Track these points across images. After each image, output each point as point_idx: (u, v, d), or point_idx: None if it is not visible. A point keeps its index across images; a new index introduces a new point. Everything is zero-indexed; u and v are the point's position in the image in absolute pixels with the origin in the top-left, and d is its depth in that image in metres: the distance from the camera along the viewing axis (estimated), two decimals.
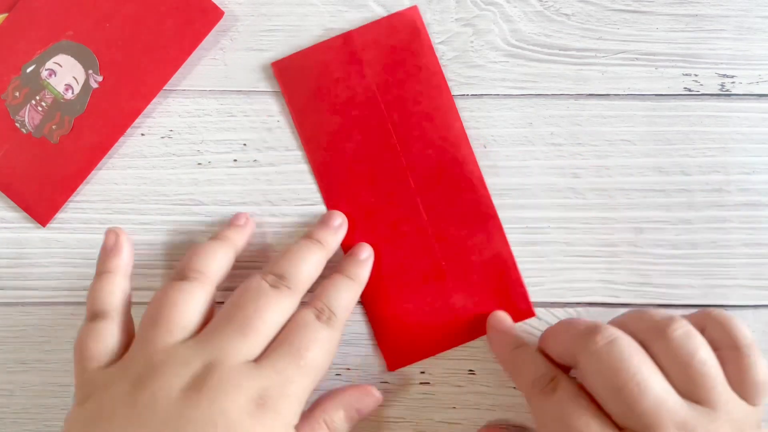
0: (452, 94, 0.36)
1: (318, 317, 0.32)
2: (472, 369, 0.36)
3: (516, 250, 0.36)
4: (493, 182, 0.37)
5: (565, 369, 0.32)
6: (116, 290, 0.33)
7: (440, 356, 0.36)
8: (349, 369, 0.36)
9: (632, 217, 0.36)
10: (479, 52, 0.37)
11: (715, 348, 0.30)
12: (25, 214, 0.36)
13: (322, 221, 0.36)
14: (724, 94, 0.37)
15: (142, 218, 0.37)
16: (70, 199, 0.36)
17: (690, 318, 0.31)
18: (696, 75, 0.37)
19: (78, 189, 0.36)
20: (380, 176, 0.36)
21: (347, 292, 0.34)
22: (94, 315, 0.32)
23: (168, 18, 0.36)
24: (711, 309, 0.31)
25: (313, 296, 0.33)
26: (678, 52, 0.37)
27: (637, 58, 0.37)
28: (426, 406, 0.36)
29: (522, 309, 0.36)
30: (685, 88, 0.37)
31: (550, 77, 0.37)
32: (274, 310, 0.31)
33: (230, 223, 0.36)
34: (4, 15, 0.36)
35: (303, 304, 0.33)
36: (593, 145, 0.37)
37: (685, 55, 0.37)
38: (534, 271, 0.36)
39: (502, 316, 0.36)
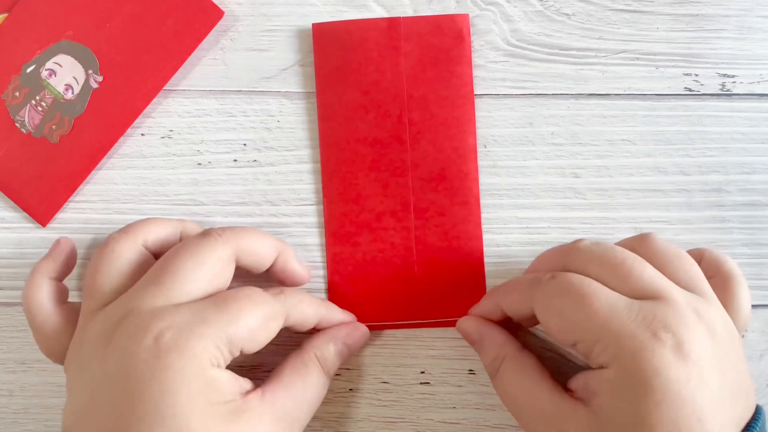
0: None
1: (266, 290, 0.31)
2: (472, 369, 0.36)
3: (516, 250, 0.36)
4: (493, 182, 0.37)
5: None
6: (42, 288, 0.33)
7: (440, 356, 0.36)
8: (349, 369, 0.36)
9: (632, 217, 0.36)
10: (479, 51, 0.37)
11: (709, 275, 0.31)
12: (25, 214, 0.36)
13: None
14: (725, 94, 0.37)
15: (142, 218, 0.36)
16: (70, 199, 0.36)
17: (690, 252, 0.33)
18: (696, 75, 0.37)
19: (78, 189, 0.36)
20: (382, 165, 0.36)
21: (310, 303, 0.33)
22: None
23: (168, 18, 0.36)
24: (704, 248, 0.33)
25: None
26: (678, 52, 0.37)
27: (637, 58, 0.37)
28: (426, 406, 0.36)
29: None
30: (685, 87, 0.37)
31: (550, 77, 0.37)
32: (197, 256, 0.30)
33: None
34: (4, 15, 0.36)
35: None
36: (593, 145, 0.37)
37: (685, 54, 0.37)
38: None
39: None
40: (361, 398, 0.36)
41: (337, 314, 0.35)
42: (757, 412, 0.29)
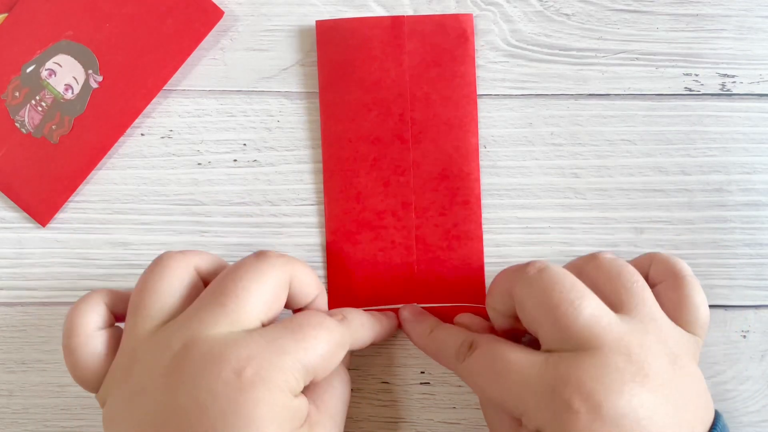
0: None
1: (329, 314, 0.31)
2: None
3: (516, 251, 0.36)
4: (492, 182, 0.36)
5: (509, 331, 0.33)
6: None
7: None
8: (349, 369, 0.36)
9: (632, 217, 0.36)
10: (479, 52, 0.37)
11: (658, 280, 0.31)
12: (25, 214, 0.36)
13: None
14: (725, 94, 0.37)
15: (142, 218, 0.37)
16: (70, 199, 0.36)
17: (636, 259, 0.33)
18: (697, 75, 0.37)
19: (78, 189, 0.36)
20: (384, 164, 0.36)
21: (368, 326, 0.33)
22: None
23: (168, 18, 0.36)
24: (655, 252, 0.33)
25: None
26: (678, 52, 0.37)
27: (637, 58, 0.37)
28: (426, 406, 0.36)
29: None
30: (685, 87, 0.37)
31: (550, 77, 0.37)
32: (258, 276, 0.29)
33: None
34: (4, 15, 0.36)
35: None
36: (593, 145, 0.37)
37: (685, 54, 0.37)
38: None
39: (412, 308, 0.35)
40: (361, 398, 0.36)
41: (386, 324, 0.35)
42: (716, 419, 0.28)
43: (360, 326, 0.32)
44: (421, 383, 0.36)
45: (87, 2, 0.36)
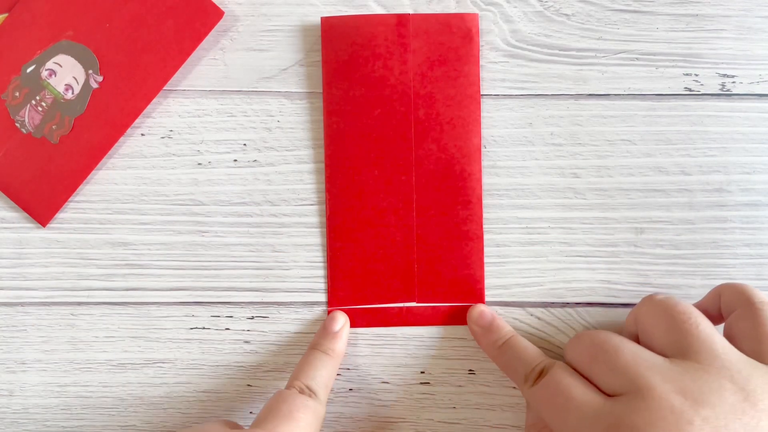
0: None
1: (302, 392, 0.32)
2: (472, 369, 0.36)
3: (516, 250, 0.36)
4: (492, 182, 0.36)
5: None
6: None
7: (440, 356, 0.36)
8: (349, 369, 0.36)
9: (632, 217, 0.36)
10: (479, 52, 0.37)
11: (729, 311, 0.31)
12: (25, 214, 0.36)
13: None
14: (725, 94, 0.37)
15: (142, 218, 0.37)
16: (70, 199, 0.36)
17: (707, 295, 0.33)
18: (696, 75, 0.37)
19: (78, 189, 0.36)
20: (386, 162, 0.36)
21: (324, 369, 0.34)
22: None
23: (168, 18, 0.36)
24: (724, 283, 0.33)
25: (293, 376, 0.33)
26: (678, 52, 0.37)
27: (637, 58, 0.37)
28: (426, 406, 0.36)
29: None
30: (685, 87, 0.37)
31: (550, 77, 0.37)
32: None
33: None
34: (4, 15, 0.36)
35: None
36: (593, 145, 0.37)
37: (685, 54, 0.37)
38: (534, 271, 0.36)
39: (482, 310, 0.36)
40: (361, 398, 0.36)
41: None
42: None
43: (325, 388, 0.33)
44: (421, 383, 0.36)
45: (87, 2, 0.36)
